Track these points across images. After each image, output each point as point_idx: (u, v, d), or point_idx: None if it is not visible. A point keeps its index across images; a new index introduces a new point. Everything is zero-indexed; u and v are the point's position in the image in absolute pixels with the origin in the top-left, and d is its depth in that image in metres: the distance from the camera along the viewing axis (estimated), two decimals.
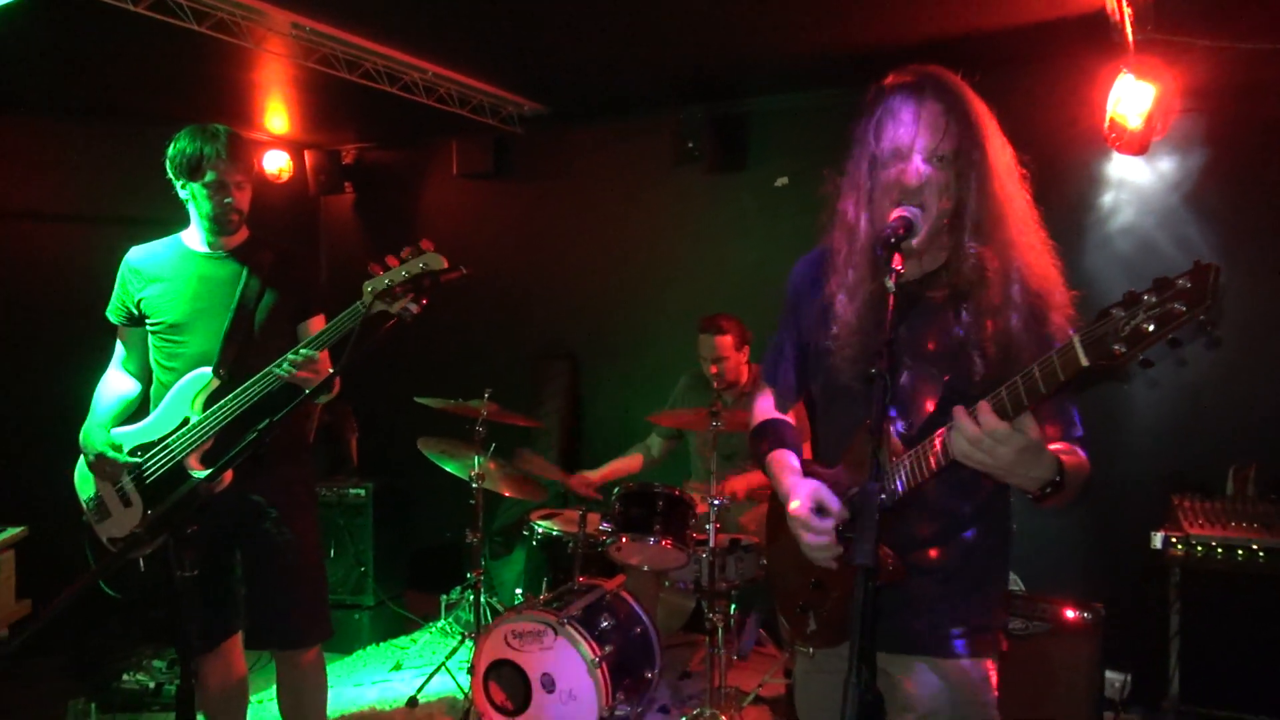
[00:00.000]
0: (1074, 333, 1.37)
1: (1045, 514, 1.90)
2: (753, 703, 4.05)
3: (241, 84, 4.83)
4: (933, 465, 1.62)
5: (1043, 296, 1.67)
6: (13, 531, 3.36)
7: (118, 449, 2.79)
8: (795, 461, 1.96)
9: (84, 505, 2.89)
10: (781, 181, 5.00)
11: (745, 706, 3.99)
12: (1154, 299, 1.27)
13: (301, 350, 2.60)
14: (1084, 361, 1.34)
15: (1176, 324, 1.26)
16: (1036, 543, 4.11)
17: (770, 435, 2.05)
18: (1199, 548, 3.32)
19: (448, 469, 4.22)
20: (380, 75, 4.50)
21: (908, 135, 1.67)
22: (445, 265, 2.35)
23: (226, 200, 2.83)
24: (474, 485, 4.02)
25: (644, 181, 5.45)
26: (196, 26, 3.67)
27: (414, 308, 2.09)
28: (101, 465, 2.80)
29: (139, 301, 2.92)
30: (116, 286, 2.98)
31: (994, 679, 1.83)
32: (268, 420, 1.80)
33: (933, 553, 1.79)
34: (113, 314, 3.00)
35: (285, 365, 2.62)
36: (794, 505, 1.79)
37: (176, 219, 2.95)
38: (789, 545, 1.92)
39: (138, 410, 2.97)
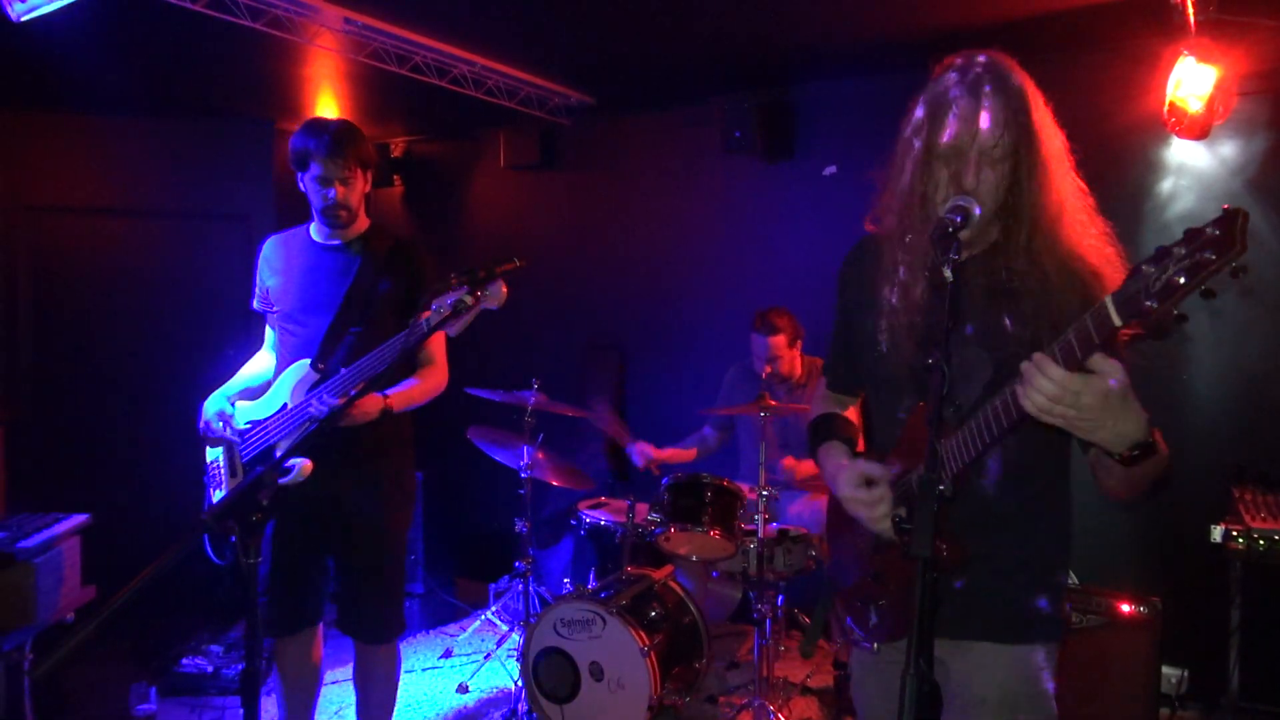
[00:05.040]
0: (1107, 295, 1.33)
1: (1103, 505, 1.86)
2: (801, 693, 4.05)
3: (294, 79, 4.91)
4: (989, 436, 1.57)
5: (1098, 284, 1.65)
6: (78, 519, 3.46)
7: (226, 418, 2.90)
8: (844, 451, 1.96)
9: (211, 467, 3.02)
10: (830, 170, 4.96)
11: (793, 697, 3.99)
12: (1183, 250, 1.24)
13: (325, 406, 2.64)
14: (1116, 320, 1.30)
15: (1207, 273, 1.22)
16: (1092, 535, 4.03)
17: (822, 430, 2.06)
18: (1261, 541, 3.23)
19: (497, 459, 4.27)
20: (430, 69, 4.54)
21: (966, 130, 1.65)
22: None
23: (329, 194, 2.84)
24: (523, 475, 4.05)
25: (691, 172, 5.43)
26: (252, 23, 3.73)
27: (469, 299, 2.11)
28: (208, 430, 2.92)
29: (267, 290, 3.01)
30: (255, 274, 3.08)
31: (1053, 667, 1.80)
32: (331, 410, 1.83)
33: (992, 541, 1.76)
34: (256, 301, 3.09)
35: (319, 407, 2.65)
36: (842, 483, 1.79)
37: (242, 212, 3.00)
38: (847, 539, 1.91)
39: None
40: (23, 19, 3.49)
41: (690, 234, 5.47)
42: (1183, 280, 1.23)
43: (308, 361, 2.84)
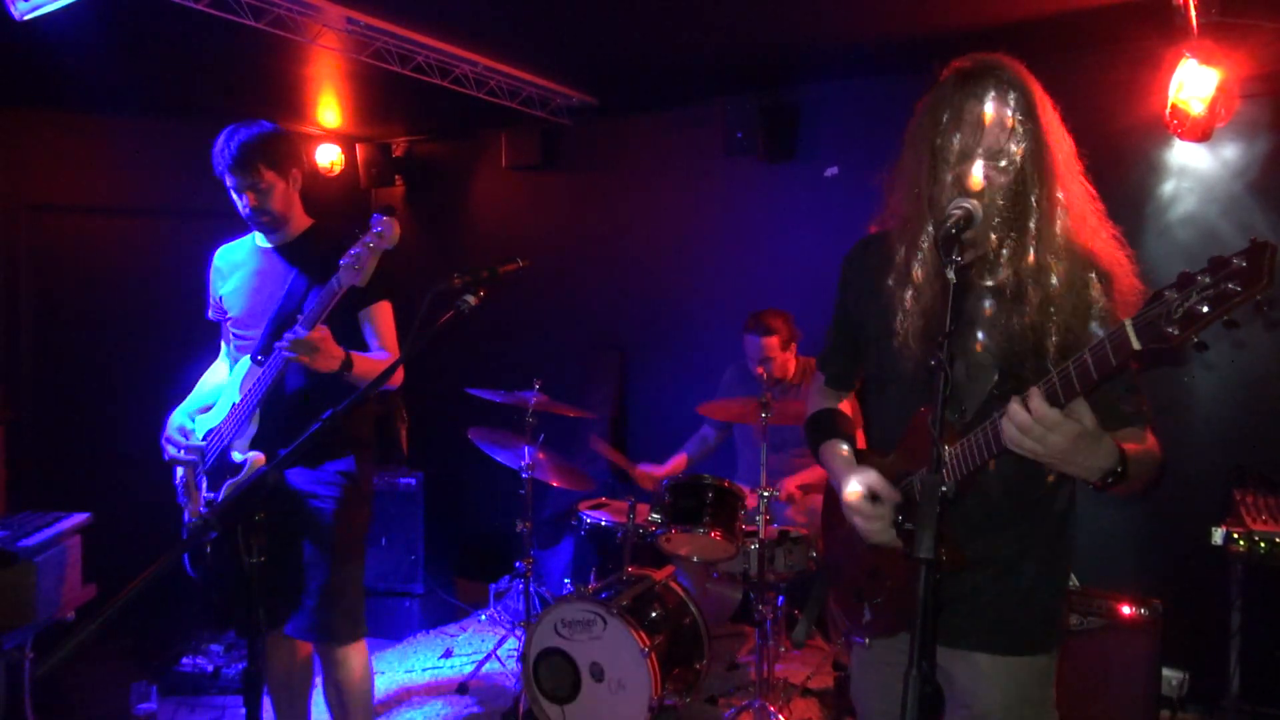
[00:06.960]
0: (1127, 317, 1.34)
1: (1103, 507, 1.87)
2: (801, 694, 4.05)
3: (296, 79, 4.91)
4: (987, 453, 1.61)
5: (1110, 289, 1.66)
6: (79, 518, 3.45)
7: (187, 433, 2.89)
8: (848, 450, 1.97)
9: (176, 484, 2.99)
10: (831, 172, 4.96)
11: (794, 698, 3.99)
12: (1208, 279, 1.23)
13: (293, 335, 2.57)
14: (1135, 345, 1.31)
15: (1231, 304, 1.21)
16: (1093, 537, 4.05)
17: (824, 425, 2.06)
18: (1262, 544, 3.23)
19: (498, 459, 4.27)
20: (432, 69, 4.54)
21: (973, 134, 1.66)
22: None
23: (243, 202, 2.82)
24: (523, 475, 4.05)
25: (692, 172, 5.43)
26: (254, 23, 3.73)
27: (471, 299, 2.09)
28: (168, 445, 2.92)
29: (220, 299, 3.00)
30: (208, 286, 3.05)
31: (1053, 675, 1.81)
32: (331, 410, 1.83)
33: (992, 545, 1.77)
34: (210, 311, 3.08)
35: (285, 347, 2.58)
36: (848, 492, 1.80)
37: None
38: (844, 535, 1.91)
39: None
40: (25, 18, 3.48)
41: (692, 235, 5.47)
42: (1206, 310, 1.23)
43: (248, 358, 2.81)
